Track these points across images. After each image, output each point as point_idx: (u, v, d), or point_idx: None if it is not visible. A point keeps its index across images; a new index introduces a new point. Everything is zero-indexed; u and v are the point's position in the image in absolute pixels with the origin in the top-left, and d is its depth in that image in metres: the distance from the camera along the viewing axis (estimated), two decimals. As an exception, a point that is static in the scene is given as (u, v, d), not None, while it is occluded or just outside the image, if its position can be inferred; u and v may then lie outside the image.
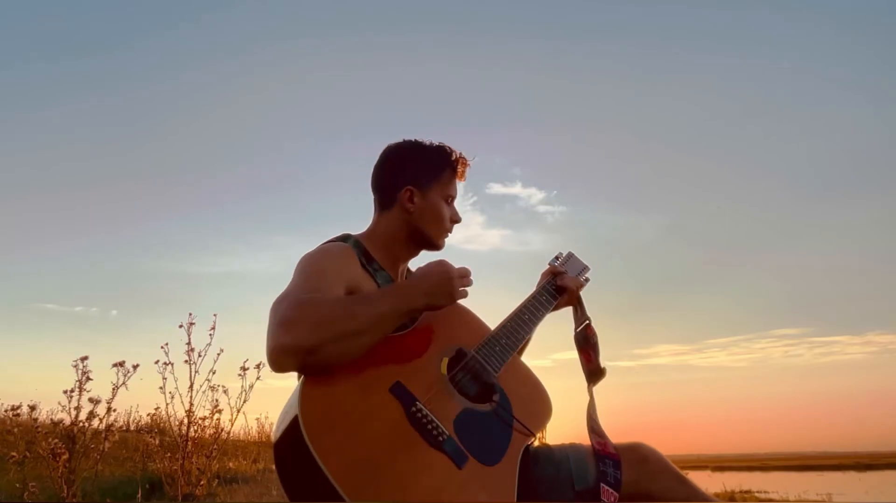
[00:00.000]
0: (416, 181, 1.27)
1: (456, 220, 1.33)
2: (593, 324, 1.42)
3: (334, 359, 0.92)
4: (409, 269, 1.38)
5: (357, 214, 1.38)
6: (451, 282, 1.08)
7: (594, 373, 1.36)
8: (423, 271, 1.10)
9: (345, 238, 1.27)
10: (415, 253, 1.33)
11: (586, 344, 1.39)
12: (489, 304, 1.34)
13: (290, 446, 0.86)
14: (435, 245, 1.31)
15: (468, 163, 1.34)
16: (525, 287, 1.44)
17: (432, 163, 1.30)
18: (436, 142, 1.33)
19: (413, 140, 1.32)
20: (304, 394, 0.88)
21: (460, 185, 1.35)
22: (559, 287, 1.43)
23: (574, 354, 1.44)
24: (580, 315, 1.45)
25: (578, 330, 1.43)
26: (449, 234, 1.33)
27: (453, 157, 1.31)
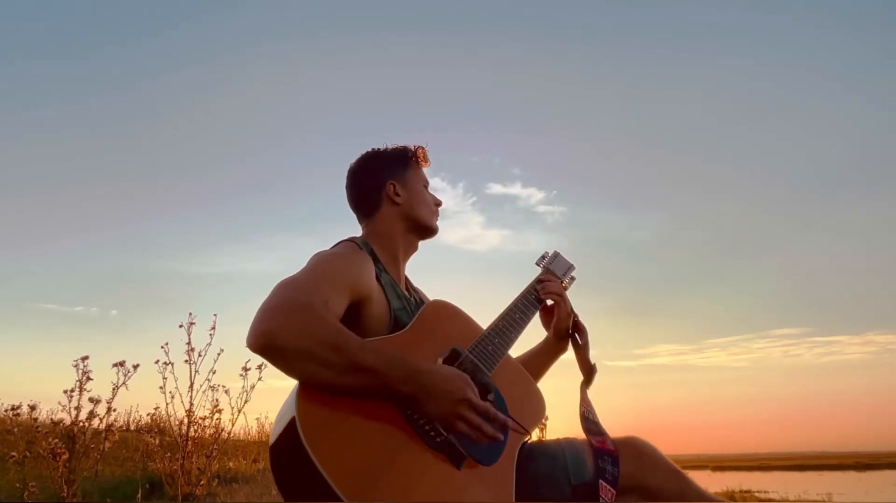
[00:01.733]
0: (393, 175, 1.33)
1: (438, 203, 1.40)
2: (580, 319, 1.38)
3: (294, 372, 0.89)
4: (408, 279, 1.37)
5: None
6: (458, 406, 0.94)
7: (584, 371, 1.34)
8: (446, 377, 0.96)
9: (352, 240, 1.24)
10: (413, 245, 1.36)
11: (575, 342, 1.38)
12: (489, 304, 1.34)
13: (287, 449, 0.85)
14: (431, 228, 1.36)
15: (425, 147, 1.41)
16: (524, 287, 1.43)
17: (398, 157, 1.37)
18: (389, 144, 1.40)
19: (368, 150, 1.38)
20: (301, 396, 0.88)
21: (431, 174, 1.43)
22: (540, 295, 1.37)
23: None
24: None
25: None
26: (437, 218, 1.38)
27: (412, 147, 1.39)
